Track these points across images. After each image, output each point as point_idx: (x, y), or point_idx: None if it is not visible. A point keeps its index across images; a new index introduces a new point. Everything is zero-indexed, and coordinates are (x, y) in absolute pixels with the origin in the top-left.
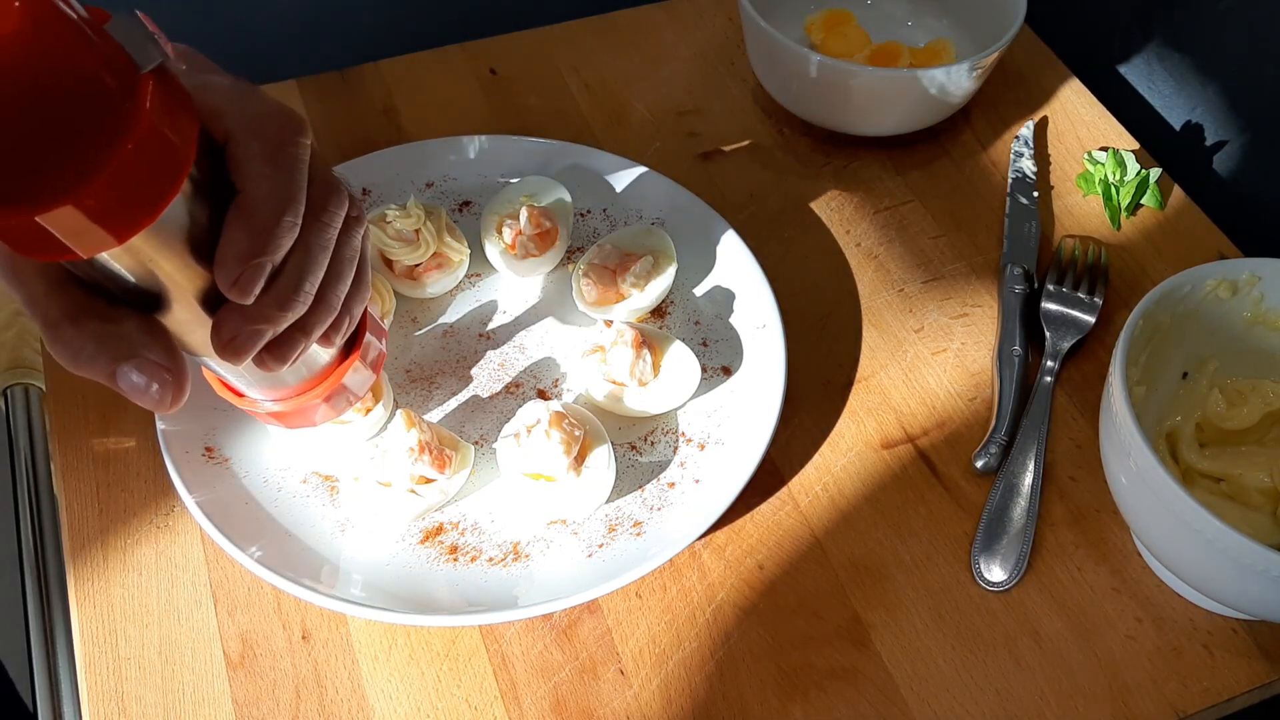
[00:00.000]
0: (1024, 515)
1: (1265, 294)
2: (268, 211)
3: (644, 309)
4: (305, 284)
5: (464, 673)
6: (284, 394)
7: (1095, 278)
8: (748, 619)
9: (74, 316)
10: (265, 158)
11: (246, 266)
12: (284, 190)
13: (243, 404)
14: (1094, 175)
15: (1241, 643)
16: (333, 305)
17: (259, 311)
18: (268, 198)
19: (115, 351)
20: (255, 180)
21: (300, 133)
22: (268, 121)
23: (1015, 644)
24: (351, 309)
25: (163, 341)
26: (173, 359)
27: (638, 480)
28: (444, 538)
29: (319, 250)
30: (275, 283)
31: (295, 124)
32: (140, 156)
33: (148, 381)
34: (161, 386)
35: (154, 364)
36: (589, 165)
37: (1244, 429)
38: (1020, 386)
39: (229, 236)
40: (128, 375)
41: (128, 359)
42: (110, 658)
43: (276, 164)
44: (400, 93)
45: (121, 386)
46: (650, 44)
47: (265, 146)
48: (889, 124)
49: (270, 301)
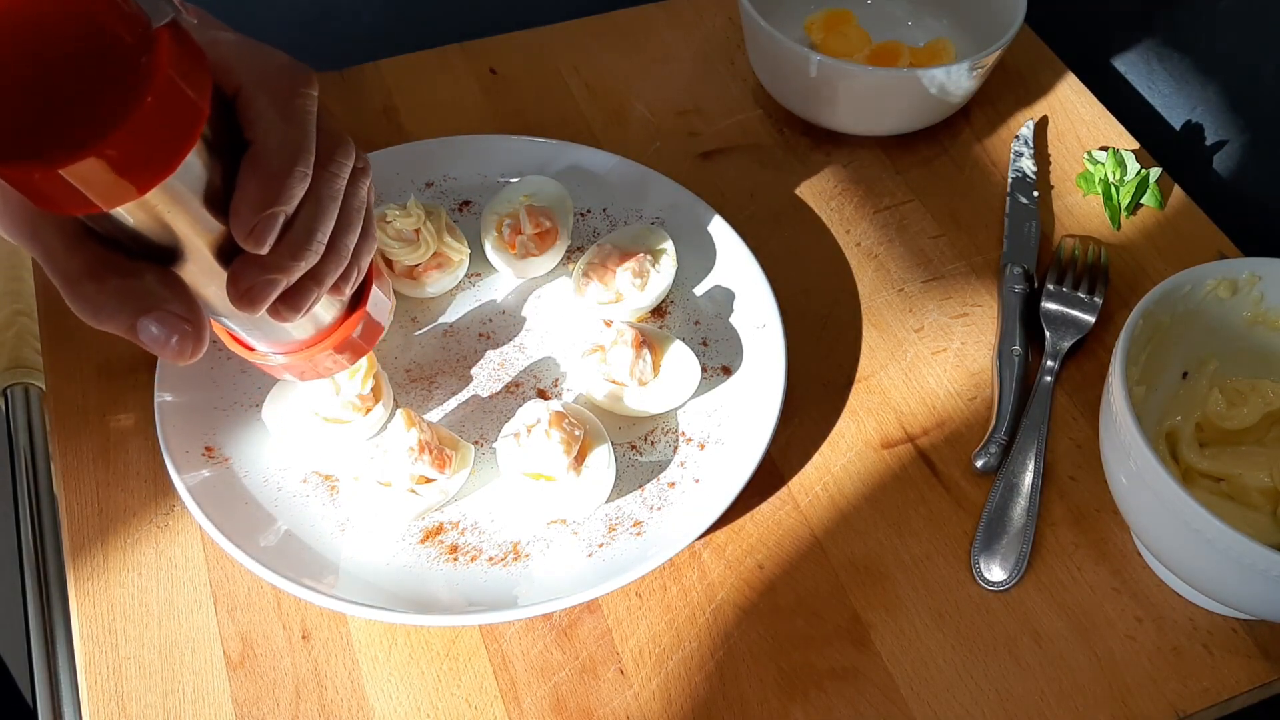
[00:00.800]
0: (1024, 515)
1: (1265, 294)
2: (280, 162)
3: (644, 309)
4: (318, 233)
5: (464, 672)
6: (294, 346)
7: (1095, 277)
8: (748, 619)
9: (93, 272)
10: (275, 110)
11: (261, 216)
12: (294, 141)
13: (254, 357)
14: (1094, 175)
15: (1241, 642)
16: (343, 254)
17: (273, 261)
18: (279, 149)
19: (136, 305)
20: (266, 132)
21: (308, 84)
22: (276, 75)
23: (1015, 644)
24: (360, 259)
25: (181, 294)
26: (192, 310)
27: (638, 480)
28: (444, 537)
29: (329, 200)
30: (288, 233)
31: (303, 76)
32: (159, 109)
33: (168, 333)
34: (181, 338)
35: (174, 316)
36: (589, 165)
37: (1244, 429)
38: (1020, 386)
39: (243, 187)
40: (148, 327)
41: (148, 312)
42: (110, 658)
43: (286, 116)
44: (400, 93)
45: (142, 339)
46: (650, 44)
47: (275, 99)
48: (889, 123)
49: (284, 251)
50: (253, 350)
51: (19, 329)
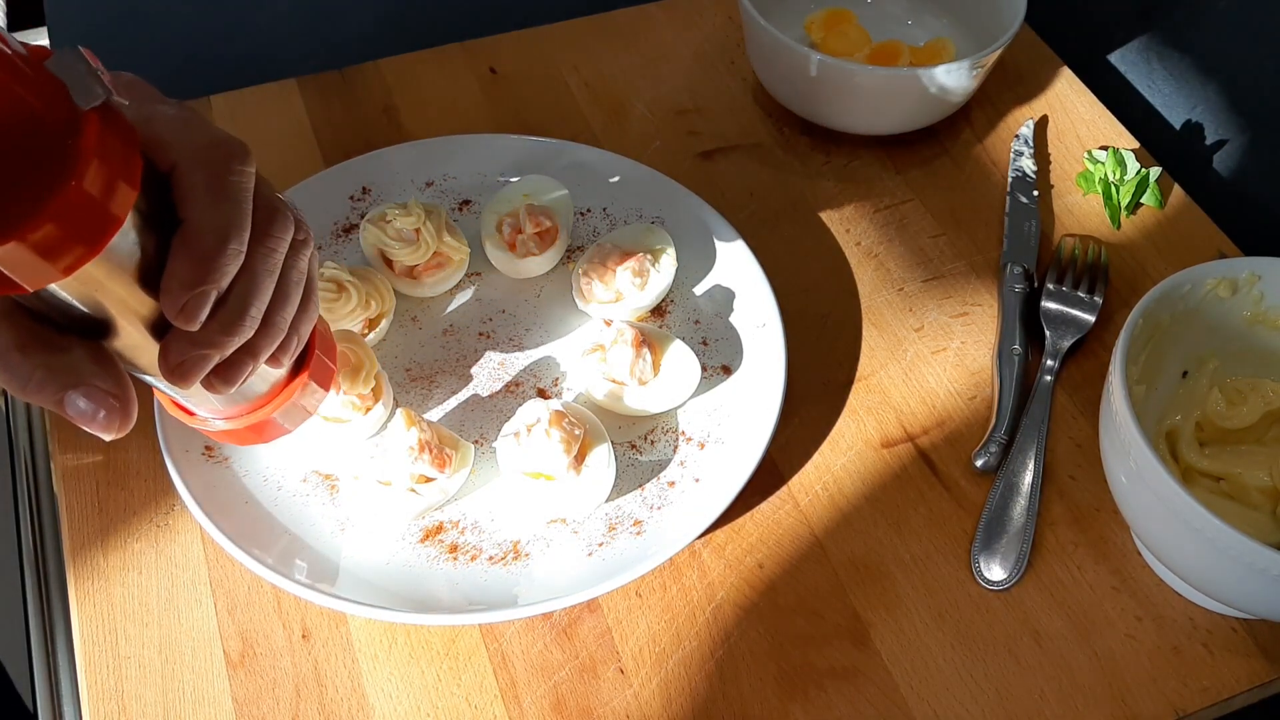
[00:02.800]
0: (1024, 514)
1: (1265, 293)
2: (211, 240)
3: (644, 308)
4: (251, 309)
5: (464, 672)
6: (234, 412)
7: (1095, 277)
8: (748, 618)
9: (21, 345)
10: (208, 186)
11: (191, 294)
12: (227, 218)
13: (194, 423)
14: (1094, 174)
15: (1241, 642)
16: (280, 328)
17: (205, 337)
18: (211, 226)
19: (63, 380)
20: (199, 209)
21: (243, 160)
22: (211, 150)
23: (1015, 643)
24: (300, 329)
25: (110, 369)
26: (120, 385)
27: (638, 479)
28: (444, 536)
29: (264, 275)
30: (221, 308)
31: (238, 152)
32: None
33: (95, 408)
34: (109, 413)
35: (101, 391)
36: (589, 164)
37: (1244, 428)
38: (1020, 386)
39: (173, 266)
40: (75, 402)
41: (75, 387)
42: (110, 657)
43: (220, 192)
44: (400, 92)
45: (69, 413)
46: (650, 43)
47: (208, 175)
48: (889, 123)
49: (216, 327)
50: (193, 415)
51: None
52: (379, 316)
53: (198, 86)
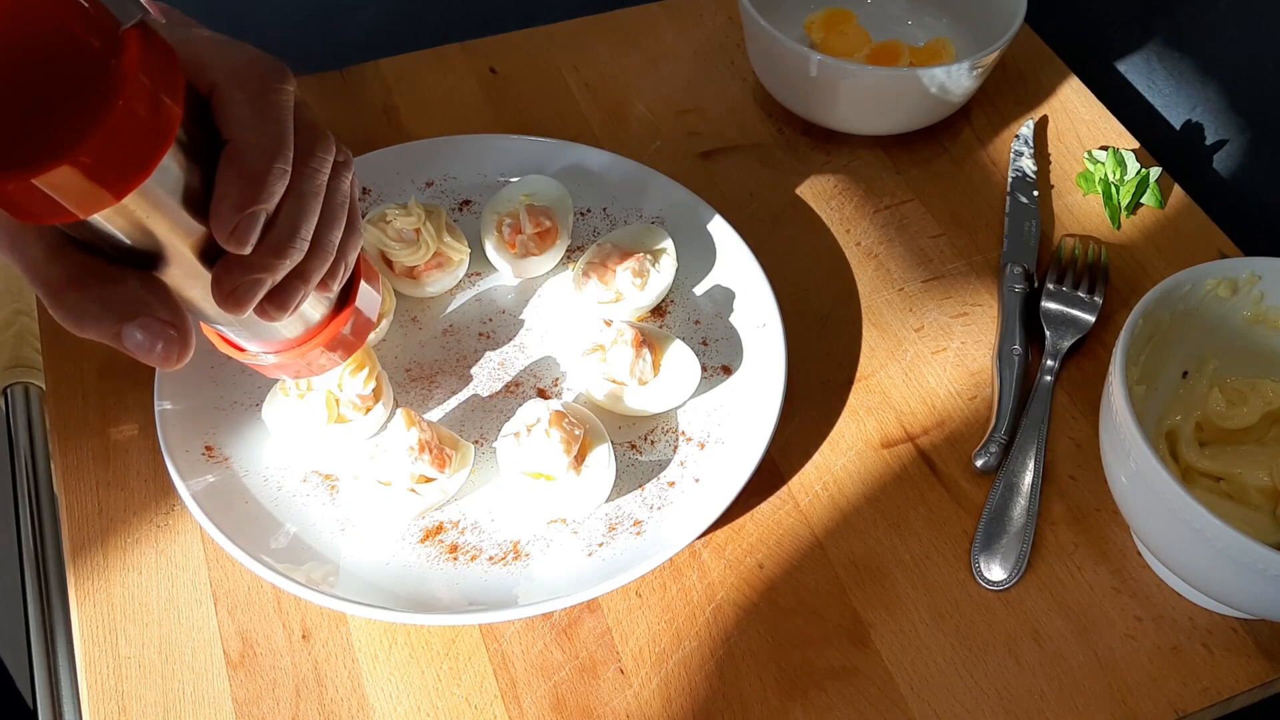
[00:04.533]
0: (1024, 515)
1: (1265, 293)
2: (257, 159)
3: (644, 308)
4: (301, 230)
5: (464, 672)
6: (285, 345)
7: (1095, 277)
8: (748, 618)
9: (75, 280)
10: (251, 106)
11: (242, 216)
12: (272, 137)
13: (244, 358)
14: (1094, 174)
15: (1241, 642)
16: (329, 250)
17: (257, 260)
18: (256, 146)
19: (119, 312)
20: (243, 129)
21: (283, 79)
22: (250, 70)
23: (1015, 644)
24: (346, 254)
25: (165, 299)
26: (176, 315)
27: (638, 479)
28: (444, 537)
29: (311, 196)
30: (271, 231)
31: (278, 71)
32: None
33: (152, 339)
34: (167, 343)
35: (159, 321)
36: (589, 164)
37: (1244, 428)
38: (1020, 386)
39: (222, 187)
40: (133, 334)
41: (132, 318)
42: (110, 657)
43: (262, 112)
44: (400, 92)
45: (128, 345)
46: (650, 43)
47: (250, 95)
48: (889, 123)
49: (268, 250)
50: (243, 351)
51: (19, 329)
52: (379, 317)
53: None
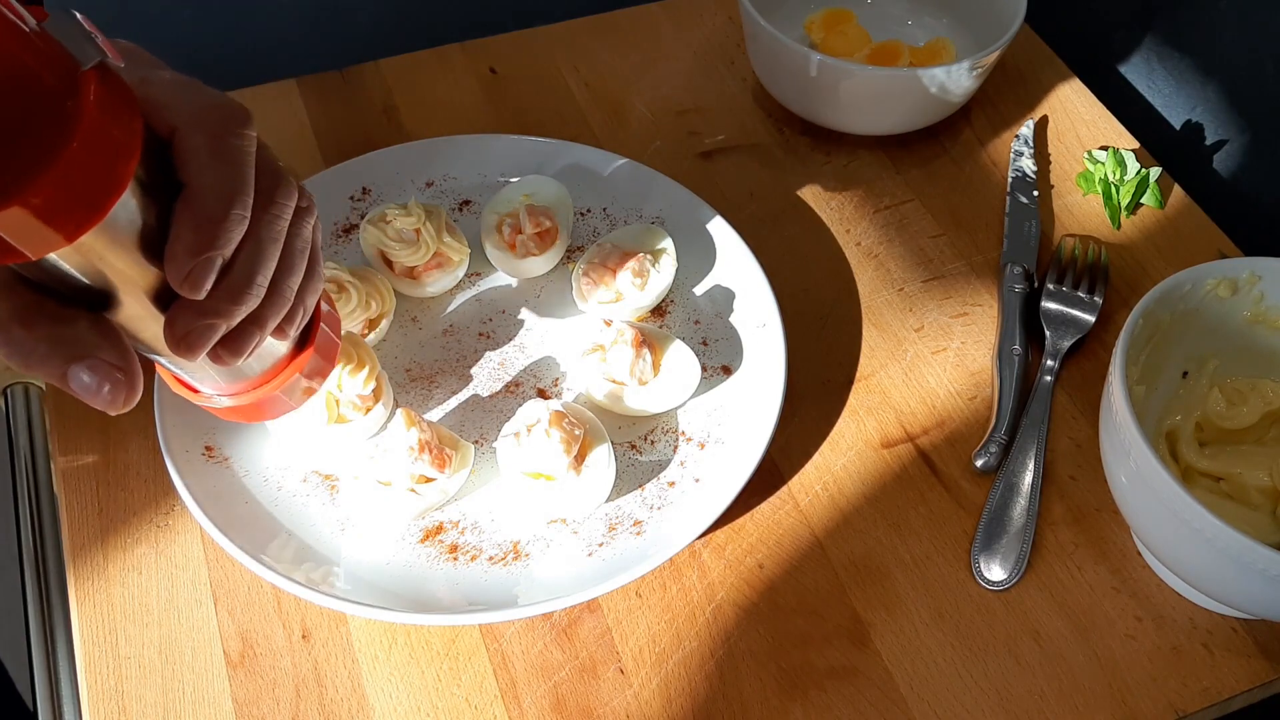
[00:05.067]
0: (1024, 515)
1: (1265, 293)
2: (215, 205)
3: (644, 308)
4: (257, 276)
5: (464, 672)
6: (239, 388)
7: (1095, 277)
8: (748, 618)
9: (24, 318)
10: (210, 150)
11: (197, 261)
12: (231, 182)
13: (198, 399)
14: (1094, 174)
15: (1241, 642)
16: (286, 296)
17: (212, 306)
18: (214, 191)
19: (67, 352)
20: (201, 173)
21: (244, 124)
22: (211, 114)
23: (1015, 644)
24: (305, 300)
25: (114, 341)
26: (125, 358)
27: (638, 479)
28: (444, 537)
29: (269, 242)
30: (227, 276)
31: (239, 115)
32: (86, 154)
33: (99, 381)
34: (114, 386)
35: (106, 364)
36: (589, 164)
37: (1244, 428)
38: (1020, 386)
39: (177, 231)
40: (79, 376)
41: (79, 359)
42: (110, 657)
43: (222, 156)
44: (400, 92)
45: (73, 387)
46: (650, 43)
47: (210, 139)
48: (889, 123)
49: (223, 295)
50: (197, 392)
51: None
52: (379, 317)
53: None
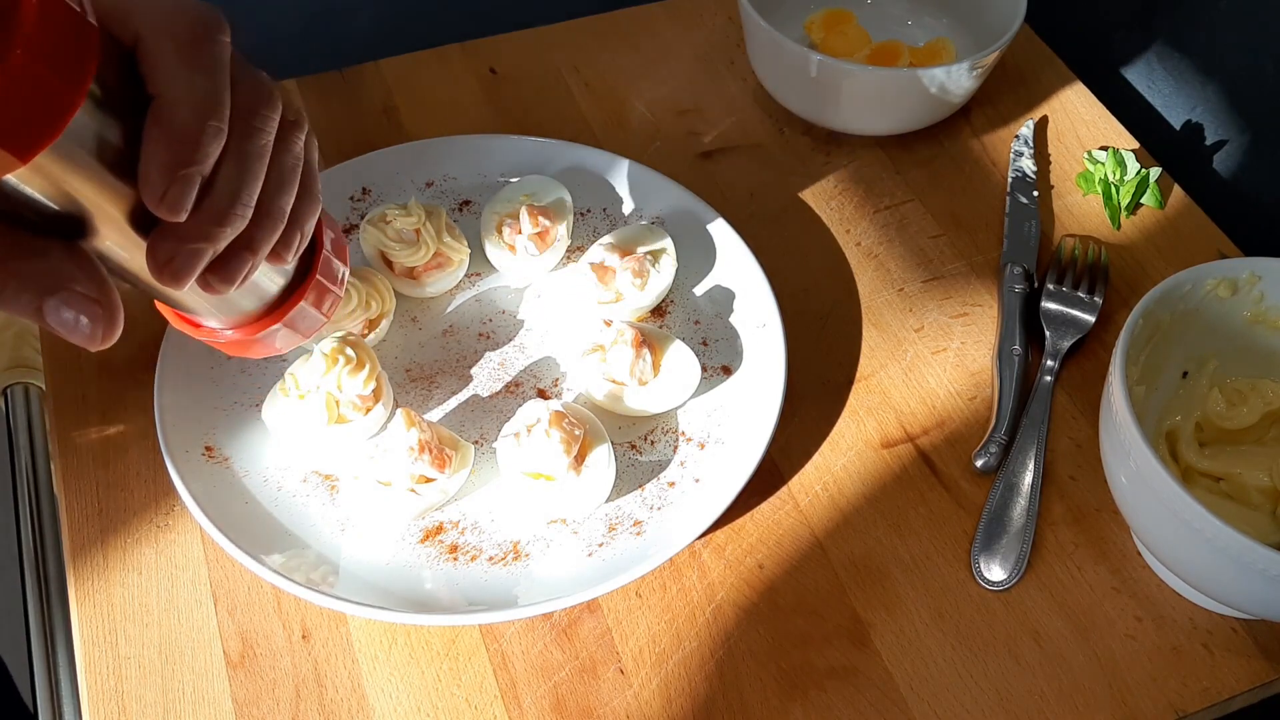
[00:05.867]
0: (1024, 515)
1: (1265, 293)
2: (188, 117)
3: (644, 308)
4: (243, 194)
5: (464, 672)
6: (242, 319)
7: (1095, 277)
8: (748, 619)
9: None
10: (180, 58)
11: (173, 179)
12: (204, 92)
13: (200, 334)
14: (1094, 175)
15: (1241, 642)
16: (277, 217)
17: (195, 229)
18: (186, 101)
19: (40, 285)
20: (170, 84)
21: (217, 29)
22: (179, 18)
23: (1015, 644)
24: (301, 222)
25: (90, 271)
26: (102, 289)
27: (638, 479)
28: (444, 537)
29: (253, 158)
30: (209, 196)
31: (211, 20)
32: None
33: (75, 314)
34: (92, 320)
35: (82, 296)
36: (589, 165)
37: (1244, 428)
38: (1020, 386)
39: (149, 148)
40: (56, 311)
41: (54, 292)
42: (110, 657)
43: (193, 64)
44: (400, 93)
45: (49, 322)
46: (650, 44)
47: (178, 46)
48: (889, 123)
49: (206, 217)
50: (198, 327)
51: (19, 328)
52: (379, 317)
53: None
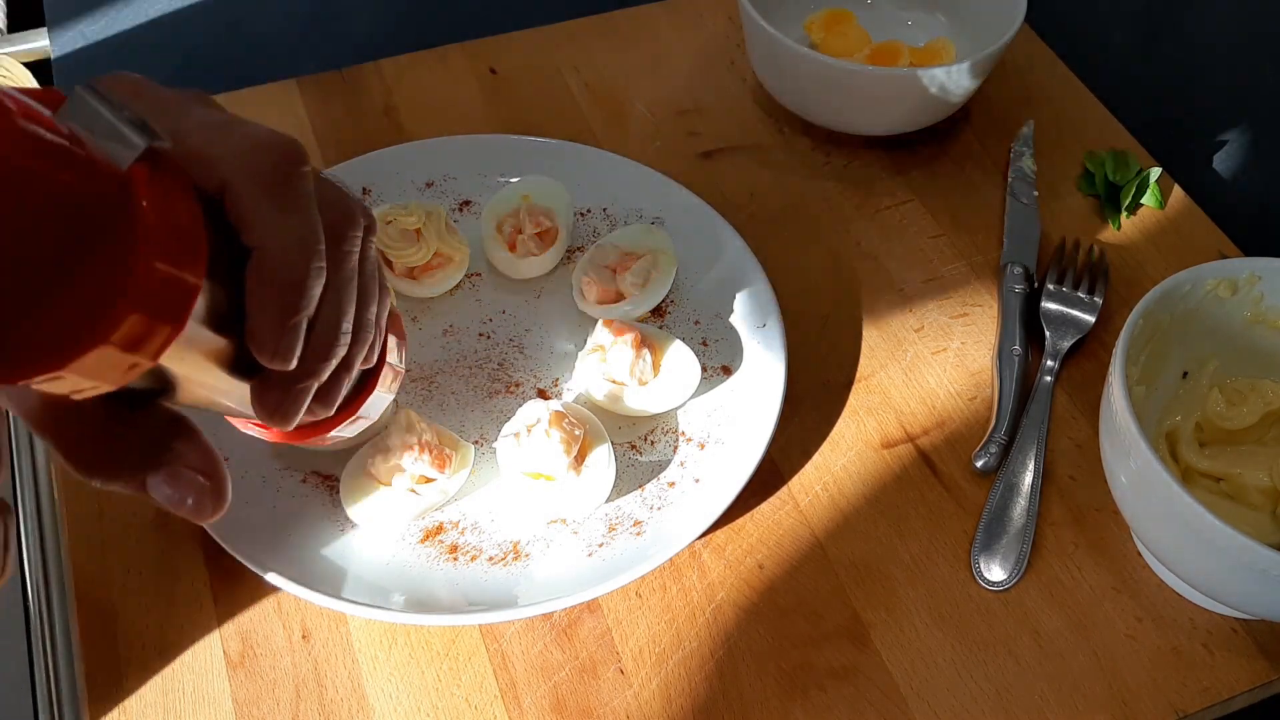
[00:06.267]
0: (1024, 515)
1: (1265, 293)
2: (291, 265)
3: (644, 309)
4: (342, 324)
5: (464, 672)
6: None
7: (1095, 277)
8: (748, 619)
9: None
10: (273, 203)
11: (283, 331)
12: (301, 235)
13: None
14: (1094, 175)
15: (1241, 642)
16: (368, 330)
17: (302, 369)
18: (287, 249)
19: (142, 461)
20: (268, 233)
21: (300, 161)
22: (262, 158)
23: (1015, 644)
24: (381, 323)
25: (195, 441)
26: (208, 460)
27: (638, 480)
28: (444, 537)
29: (347, 283)
30: (312, 333)
31: (293, 153)
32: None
33: (182, 493)
34: (198, 496)
35: (188, 473)
36: (589, 165)
37: (1244, 428)
38: (1020, 386)
39: (257, 304)
40: (159, 488)
41: (157, 469)
42: (110, 658)
43: (285, 206)
44: (400, 93)
45: (154, 499)
46: (650, 44)
47: (268, 188)
48: (889, 124)
49: (311, 355)
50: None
51: None
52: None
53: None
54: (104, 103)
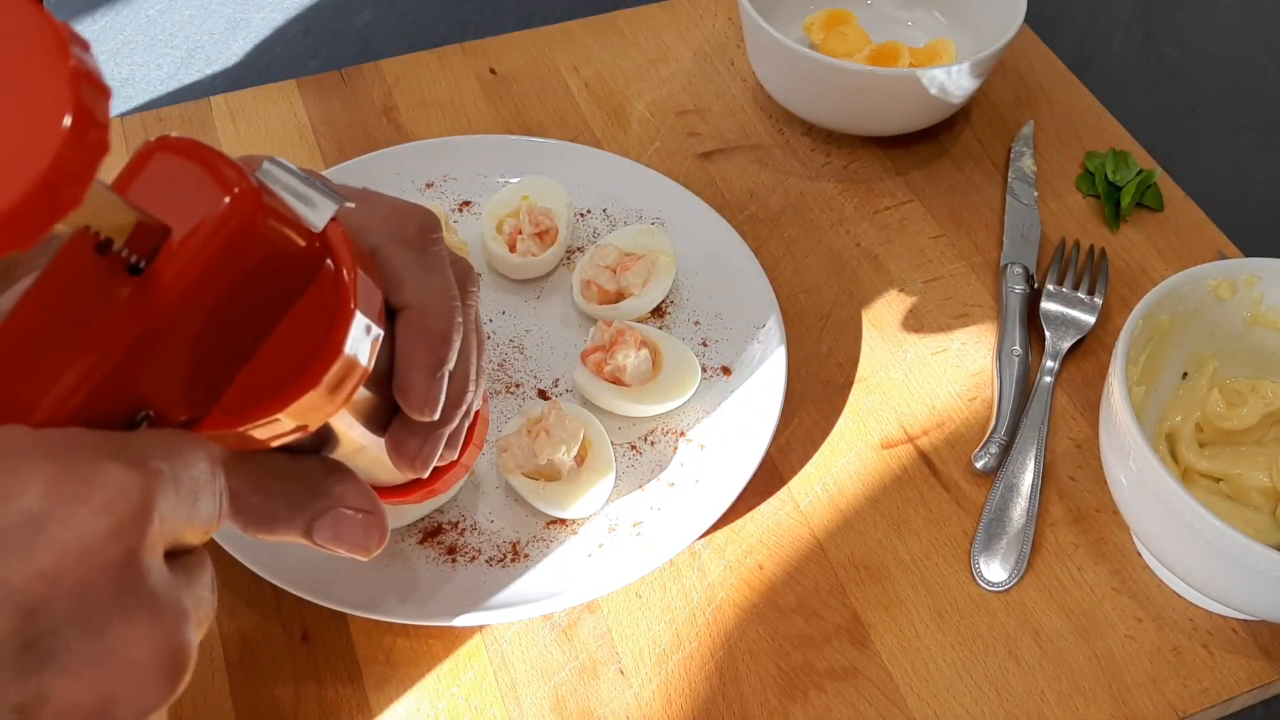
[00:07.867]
0: (1024, 515)
1: (1265, 294)
2: (439, 322)
3: (644, 309)
4: (471, 373)
5: (464, 672)
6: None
7: (1095, 278)
8: (748, 619)
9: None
10: (420, 265)
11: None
12: (445, 294)
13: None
14: (1094, 175)
15: (1241, 643)
16: (483, 378)
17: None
18: (435, 308)
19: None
20: (419, 293)
21: (438, 227)
22: (407, 223)
23: (1015, 644)
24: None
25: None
26: (367, 499)
27: (638, 480)
28: (443, 538)
29: (471, 334)
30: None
31: (433, 219)
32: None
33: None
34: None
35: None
36: (589, 165)
37: (1243, 429)
38: (1020, 386)
39: (411, 359)
40: (324, 531)
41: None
42: None
43: (430, 268)
44: (400, 93)
45: (318, 542)
46: (650, 44)
47: (414, 252)
48: (889, 124)
49: (449, 403)
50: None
51: None
52: None
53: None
54: (290, 171)
